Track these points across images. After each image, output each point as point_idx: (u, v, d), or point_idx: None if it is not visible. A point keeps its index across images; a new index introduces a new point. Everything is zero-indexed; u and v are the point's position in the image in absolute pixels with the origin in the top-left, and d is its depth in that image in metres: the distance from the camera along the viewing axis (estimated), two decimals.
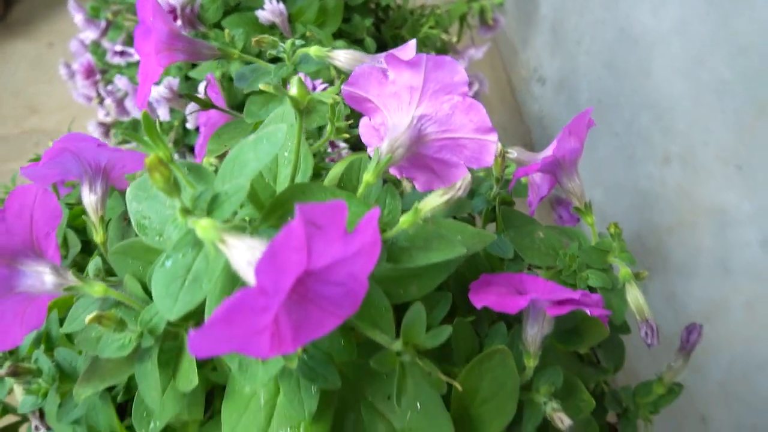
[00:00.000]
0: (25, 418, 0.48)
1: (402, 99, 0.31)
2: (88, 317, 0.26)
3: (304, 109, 0.27)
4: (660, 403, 0.44)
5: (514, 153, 0.45)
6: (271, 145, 0.24)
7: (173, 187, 0.21)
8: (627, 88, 1.03)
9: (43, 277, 0.29)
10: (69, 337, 0.39)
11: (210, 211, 0.22)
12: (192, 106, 0.41)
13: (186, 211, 0.22)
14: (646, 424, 0.44)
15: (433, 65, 0.30)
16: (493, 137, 0.30)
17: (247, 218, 0.28)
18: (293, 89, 0.27)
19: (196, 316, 0.31)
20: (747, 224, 0.71)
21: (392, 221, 0.28)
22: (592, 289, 0.37)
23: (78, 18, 0.91)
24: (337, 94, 0.39)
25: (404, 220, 0.28)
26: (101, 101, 0.86)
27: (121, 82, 0.78)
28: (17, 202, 0.29)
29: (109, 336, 0.28)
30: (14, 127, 1.46)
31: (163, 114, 0.75)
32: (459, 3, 0.95)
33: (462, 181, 0.26)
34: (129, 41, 0.89)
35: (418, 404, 0.32)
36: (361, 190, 0.28)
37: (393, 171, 0.35)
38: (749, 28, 0.68)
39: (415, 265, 0.28)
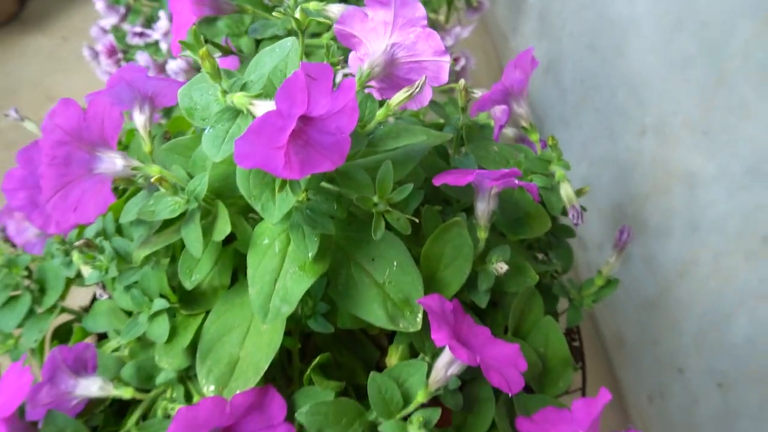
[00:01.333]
0: (77, 318, 0.59)
1: (378, 32, 0.43)
2: (153, 178, 0.37)
3: (305, 31, 0.38)
4: (600, 294, 0.55)
5: (478, 93, 0.56)
6: (282, 51, 0.35)
7: (217, 72, 0.33)
8: (606, 67, 1.11)
9: (114, 161, 0.40)
10: (120, 234, 0.50)
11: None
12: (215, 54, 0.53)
13: (224, 92, 0.33)
14: (589, 309, 0.55)
15: (400, 3, 0.41)
16: (447, 58, 0.42)
17: None
18: (296, 14, 0.38)
19: (225, 192, 0.42)
20: (712, 184, 0.79)
21: (371, 118, 0.39)
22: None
23: (99, 5, 1.04)
24: (331, 39, 0.50)
25: (380, 113, 0.39)
26: None
27: (142, 57, 0.90)
28: (93, 108, 0.40)
29: (163, 203, 0.39)
30: (32, 115, 1.57)
31: None
32: None
33: (419, 81, 0.38)
34: (147, 24, 1.01)
35: (394, 263, 0.43)
36: None
37: (375, 94, 0.46)
38: (709, 2, 0.76)
39: (389, 147, 0.39)
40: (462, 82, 0.52)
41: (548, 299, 0.54)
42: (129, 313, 0.51)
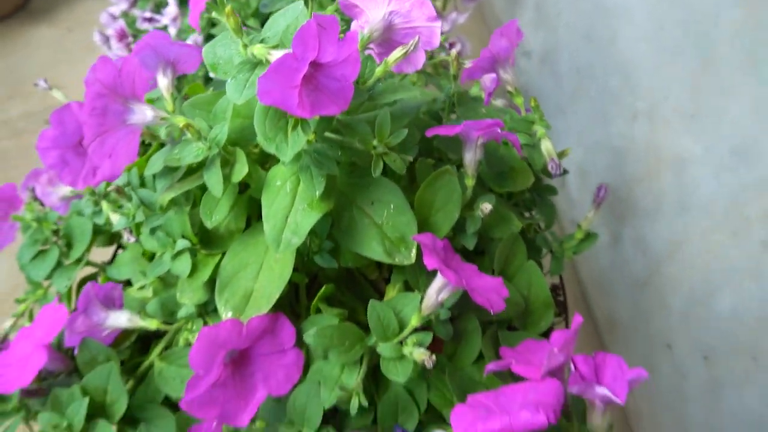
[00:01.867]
0: (102, 270, 0.66)
1: (378, 1, 0.49)
2: (181, 124, 0.44)
3: None
4: (580, 247, 0.61)
5: (468, 63, 0.62)
6: (293, 12, 0.41)
7: (239, 29, 0.39)
8: (600, 55, 1.15)
9: (145, 112, 0.46)
10: (143, 187, 0.57)
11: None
12: None
13: (245, 46, 0.40)
14: (568, 260, 0.61)
15: None
16: (438, 24, 0.48)
17: None
18: None
19: (242, 143, 0.48)
20: (699, 165, 0.82)
21: (371, 75, 0.46)
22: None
23: None
24: (335, 11, 0.56)
25: (378, 69, 0.45)
26: None
27: None
28: (126, 67, 0.47)
29: (188, 149, 0.46)
30: (38, 104, 1.65)
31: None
32: None
33: (413, 40, 0.44)
34: (156, 9, 1.08)
35: (391, 206, 0.49)
36: None
37: (375, 57, 0.52)
38: None
39: (388, 101, 0.45)
40: (454, 52, 0.58)
41: (532, 251, 0.60)
42: (151, 259, 0.58)
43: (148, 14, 1.04)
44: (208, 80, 0.98)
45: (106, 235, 0.66)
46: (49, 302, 0.63)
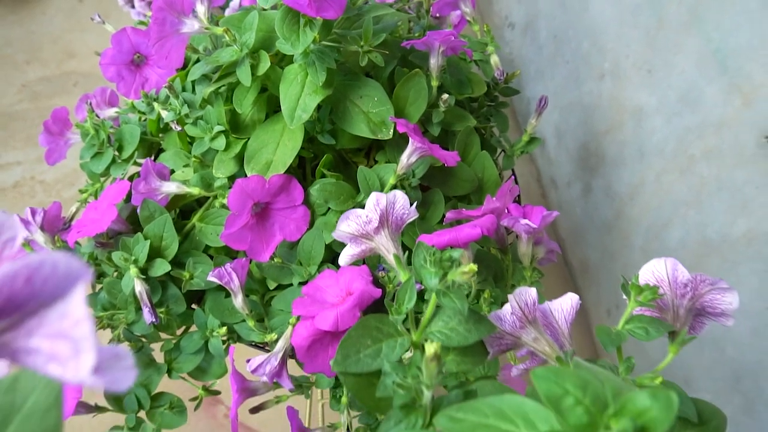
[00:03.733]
0: None
1: None
2: (220, 31, 0.62)
3: None
4: (526, 148, 0.80)
5: None
6: None
7: None
8: (573, 21, 1.29)
9: (194, 23, 0.65)
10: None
11: None
12: None
13: None
14: (517, 157, 0.80)
15: None
16: None
17: None
18: None
19: (266, 45, 0.67)
20: (654, 114, 0.96)
21: None
22: (476, 62, 0.73)
23: None
24: None
25: None
26: None
27: None
28: None
29: (226, 51, 0.64)
30: (55, 69, 1.83)
31: None
32: None
33: None
34: None
35: (375, 98, 0.67)
36: None
37: None
38: None
39: (372, 16, 0.64)
40: None
41: (489, 150, 0.79)
42: (189, 152, 0.76)
43: None
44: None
45: (146, 145, 0.85)
46: None
